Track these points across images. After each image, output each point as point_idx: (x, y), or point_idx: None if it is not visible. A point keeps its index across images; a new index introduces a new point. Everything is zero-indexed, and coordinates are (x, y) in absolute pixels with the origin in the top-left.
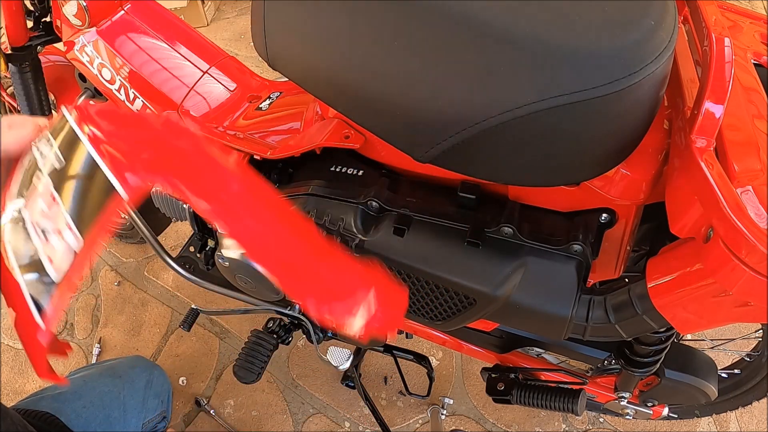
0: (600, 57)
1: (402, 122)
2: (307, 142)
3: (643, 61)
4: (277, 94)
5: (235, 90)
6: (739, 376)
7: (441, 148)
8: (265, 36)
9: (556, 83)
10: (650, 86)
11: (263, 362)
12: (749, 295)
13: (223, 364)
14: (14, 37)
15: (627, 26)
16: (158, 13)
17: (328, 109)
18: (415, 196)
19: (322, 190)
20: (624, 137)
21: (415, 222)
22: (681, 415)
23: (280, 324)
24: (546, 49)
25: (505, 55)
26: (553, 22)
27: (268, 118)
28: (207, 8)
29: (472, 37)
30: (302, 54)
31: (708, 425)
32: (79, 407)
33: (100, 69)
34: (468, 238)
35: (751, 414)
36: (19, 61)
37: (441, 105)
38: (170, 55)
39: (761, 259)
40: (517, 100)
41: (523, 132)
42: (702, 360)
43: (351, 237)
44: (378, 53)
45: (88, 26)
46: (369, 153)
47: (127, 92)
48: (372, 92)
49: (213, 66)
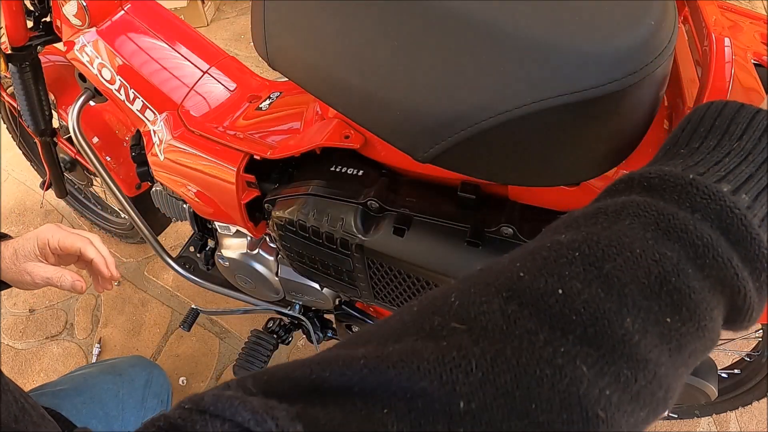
0: (600, 57)
1: (402, 122)
2: (307, 142)
3: (643, 61)
4: (277, 94)
5: (235, 90)
6: (739, 376)
7: (441, 148)
8: (265, 36)
9: (555, 83)
10: (650, 86)
11: (263, 362)
12: None
13: (223, 364)
14: (14, 37)
15: (627, 26)
16: (158, 13)
17: (328, 109)
18: (415, 196)
19: (322, 190)
20: (624, 137)
21: (415, 222)
22: (681, 415)
23: (280, 324)
24: (545, 49)
25: (505, 55)
26: (553, 22)
27: (268, 118)
28: (207, 8)
29: (472, 37)
30: (302, 54)
31: (708, 425)
32: (79, 403)
33: (100, 69)
34: (468, 238)
35: (751, 414)
36: (19, 61)
37: (441, 105)
38: (170, 55)
39: None
40: (517, 100)
41: (523, 132)
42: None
43: (351, 237)
44: (378, 53)
45: (88, 26)
46: (369, 153)
47: (127, 92)
48: (372, 92)
49: (213, 66)
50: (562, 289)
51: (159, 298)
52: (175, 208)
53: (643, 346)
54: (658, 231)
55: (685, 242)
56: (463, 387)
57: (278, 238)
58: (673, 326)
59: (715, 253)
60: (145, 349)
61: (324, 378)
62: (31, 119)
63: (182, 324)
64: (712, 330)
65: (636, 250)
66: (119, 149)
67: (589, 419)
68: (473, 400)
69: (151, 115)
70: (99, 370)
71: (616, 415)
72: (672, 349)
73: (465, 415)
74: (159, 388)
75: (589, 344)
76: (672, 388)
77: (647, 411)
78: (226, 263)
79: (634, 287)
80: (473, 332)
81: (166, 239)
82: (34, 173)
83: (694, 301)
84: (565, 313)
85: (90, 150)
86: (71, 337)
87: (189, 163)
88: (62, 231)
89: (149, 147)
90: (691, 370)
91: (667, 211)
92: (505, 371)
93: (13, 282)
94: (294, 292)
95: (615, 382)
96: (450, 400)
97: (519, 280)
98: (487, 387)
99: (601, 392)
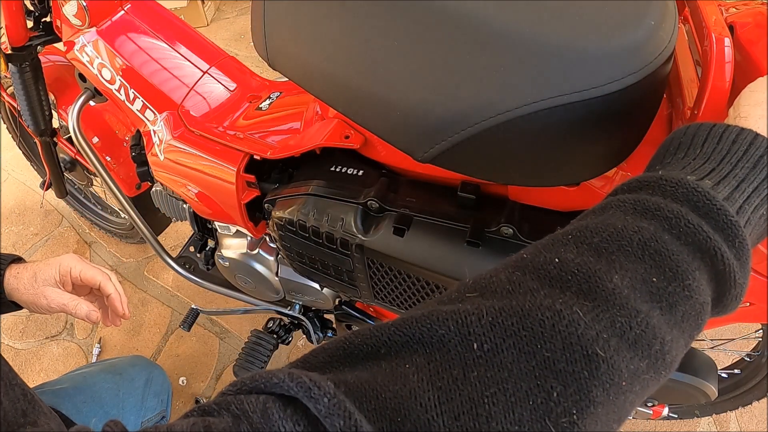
0: (600, 57)
1: (402, 122)
2: (307, 142)
3: (643, 61)
4: (277, 94)
5: (235, 90)
6: (739, 376)
7: (441, 148)
8: (265, 36)
9: (555, 83)
10: (650, 86)
11: (263, 362)
12: (749, 295)
13: (223, 364)
14: (14, 37)
15: (627, 26)
16: (158, 13)
17: (328, 109)
18: (415, 196)
19: (322, 190)
20: (624, 137)
21: (415, 222)
22: (681, 415)
23: (280, 324)
24: (546, 49)
25: (505, 55)
26: (553, 22)
27: (268, 118)
28: (207, 8)
29: (472, 37)
30: (302, 54)
31: (708, 425)
32: (79, 402)
33: (100, 69)
34: (468, 238)
35: (751, 414)
36: (19, 61)
37: (441, 105)
38: (170, 55)
39: (761, 259)
40: (517, 100)
41: (523, 132)
42: (702, 360)
43: (351, 237)
44: (378, 53)
45: (88, 26)
46: (369, 153)
47: (127, 92)
48: (372, 92)
49: (213, 66)
50: (558, 258)
51: (159, 298)
52: (175, 208)
53: (633, 299)
54: (636, 213)
55: (660, 217)
56: (476, 329)
57: (278, 238)
58: (660, 285)
59: (686, 222)
60: (145, 349)
61: (355, 344)
62: (31, 119)
63: (182, 324)
64: (698, 291)
65: (618, 225)
66: (119, 149)
67: (590, 357)
68: (486, 342)
69: (151, 115)
70: (99, 369)
71: (615, 357)
72: (663, 307)
73: (478, 359)
74: (159, 387)
75: (585, 297)
76: (668, 344)
77: (647, 362)
78: (226, 263)
79: (620, 253)
80: (484, 295)
81: (166, 239)
82: (34, 173)
83: (674, 261)
84: (562, 275)
85: (90, 150)
86: (71, 337)
87: (189, 163)
88: (84, 263)
89: (149, 147)
90: (689, 340)
91: (642, 198)
92: (511, 315)
93: (27, 304)
94: (294, 292)
95: (611, 327)
96: (465, 344)
97: (522, 259)
98: (497, 329)
99: (598, 334)
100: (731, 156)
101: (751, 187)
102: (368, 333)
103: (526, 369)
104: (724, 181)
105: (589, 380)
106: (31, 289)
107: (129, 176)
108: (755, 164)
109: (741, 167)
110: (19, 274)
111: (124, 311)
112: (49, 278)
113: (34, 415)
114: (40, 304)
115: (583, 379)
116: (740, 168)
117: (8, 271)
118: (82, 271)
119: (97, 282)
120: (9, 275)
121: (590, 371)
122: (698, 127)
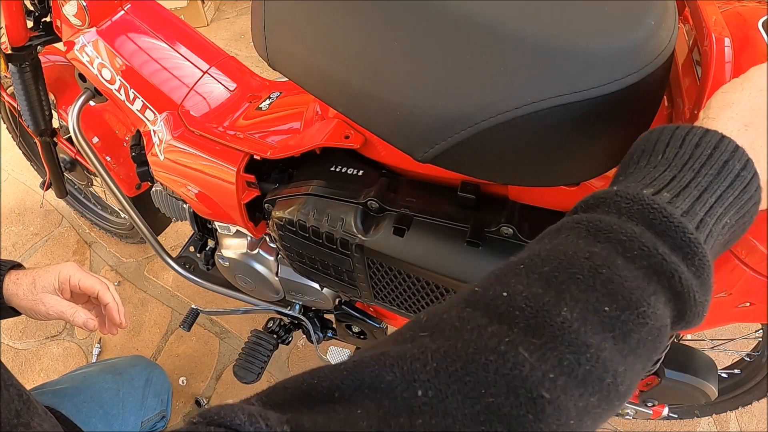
0: (600, 57)
1: (402, 122)
2: (307, 142)
3: (643, 61)
4: (277, 94)
5: (235, 90)
6: (739, 376)
7: (441, 148)
8: (265, 36)
9: (555, 83)
10: (650, 86)
11: (263, 362)
12: (749, 295)
13: (223, 364)
14: (14, 37)
15: (627, 26)
16: (158, 13)
17: (328, 109)
18: (415, 196)
19: (322, 190)
20: (624, 137)
21: (415, 222)
22: (681, 415)
23: (280, 324)
24: (546, 49)
25: (505, 55)
26: (553, 22)
27: (268, 118)
28: (207, 8)
29: (472, 37)
30: (302, 54)
31: (708, 425)
32: (79, 402)
33: (100, 69)
34: (468, 238)
35: (751, 414)
36: (19, 61)
37: (441, 105)
38: (170, 55)
39: (761, 259)
40: (517, 100)
41: (522, 132)
42: (702, 360)
43: (351, 237)
44: (378, 53)
45: (88, 26)
46: (369, 153)
47: (127, 92)
48: (372, 92)
49: (213, 66)
50: (507, 292)
51: (159, 298)
52: (175, 208)
53: (583, 333)
54: (589, 237)
55: (612, 240)
56: (421, 376)
57: (278, 238)
58: (612, 314)
59: (640, 244)
60: (145, 349)
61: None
62: (31, 119)
63: (182, 324)
64: (654, 317)
65: (569, 252)
66: (119, 149)
67: (535, 400)
68: (430, 389)
69: (151, 115)
70: (99, 369)
71: (561, 398)
72: (616, 336)
73: (423, 406)
74: (159, 387)
75: (532, 334)
76: (621, 375)
77: (597, 397)
78: (226, 263)
79: (571, 282)
80: (434, 335)
81: (166, 239)
82: (34, 173)
83: (627, 288)
84: (510, 310)
85: (90, 150)
86: (71, 337)
87: (189, 163)
88: (83, 272)
89: (149, 147)
90: (647, 363)
91: (595, 218)
92: (455, 360)
93: (25, 310)
94: (294, 292)
95: (558, 366)
96: (410, 391)
97: (473, 293)
98: (441, 375)
99: (544, 375)
100: (693, 161)
101: (714, 197)
102: (324, 375)
103: (470, 414)
104: (684, 192)
105: (535, 423)
106: (30, 296)
107: (129, 176)
108: (720, 170)
109: (704, 174)
110: (18, 280)
111: (121, 320)
112: (48, 285)
113: (28, 416)
114: (39, 311)
115: (528, 423)
116: (703, 175)
117: (8, 276)
118: (81, 279)
119: (95, 291)
120: (8, 281)
121: (535, 414)
122: (662, 130)
